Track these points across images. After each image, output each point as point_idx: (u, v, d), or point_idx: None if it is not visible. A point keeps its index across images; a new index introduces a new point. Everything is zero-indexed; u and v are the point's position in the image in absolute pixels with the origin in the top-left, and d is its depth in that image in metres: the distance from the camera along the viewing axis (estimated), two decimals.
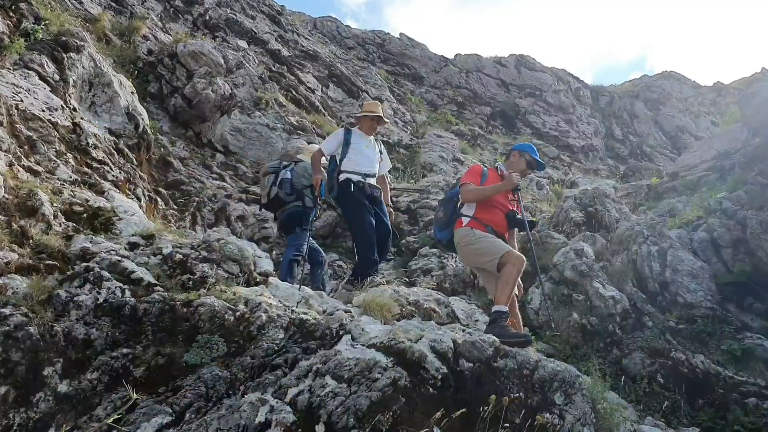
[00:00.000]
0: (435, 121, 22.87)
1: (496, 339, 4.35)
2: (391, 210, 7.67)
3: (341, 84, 19.44)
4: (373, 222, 6.87)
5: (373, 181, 7.19)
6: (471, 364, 3.95)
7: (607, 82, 37.85)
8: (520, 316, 5.75)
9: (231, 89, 12.96)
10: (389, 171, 8.39)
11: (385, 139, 17.51)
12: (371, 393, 3.33)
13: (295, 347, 3.91)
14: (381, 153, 7.52)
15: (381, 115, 7.46)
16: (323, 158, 7.45)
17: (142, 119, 8.95)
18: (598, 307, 7.10)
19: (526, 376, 3.97)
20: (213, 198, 10.28)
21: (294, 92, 15.69)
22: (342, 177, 7.04)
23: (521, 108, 27.39)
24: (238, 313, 4.15)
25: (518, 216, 6.01)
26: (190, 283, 4.56)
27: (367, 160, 7.21)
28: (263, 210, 8.70)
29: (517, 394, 3.78)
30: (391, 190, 8.78)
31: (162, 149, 10.40)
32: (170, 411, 3.37)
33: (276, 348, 3.90)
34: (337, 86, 19.21)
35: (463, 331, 6.17)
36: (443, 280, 9.44)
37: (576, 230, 9.75)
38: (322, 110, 16.28)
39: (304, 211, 7.94)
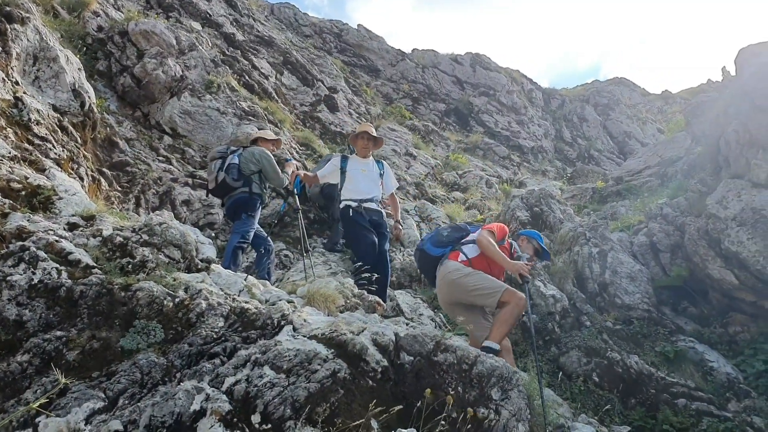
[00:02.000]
0: (389, 115, 22.88)
1: (438, 333, 4.38)
2: (400, 227, 7.85)
3: (296, 71, 19.24)
4: (375, 241, 7.01)
5: (372, 205, 7.23)
6: (412, 358, 3.97)
7: (560, 86, 38.53)
8: (512, 356, 5.61)
9: (182, 71, 12.70)
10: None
11: (338, 130, 17.44)
12: (310, 384, 3.32)
13: (235, 336, 3.87)
14: (382, 175, 7.54)
15: (368, 131, 7.45)
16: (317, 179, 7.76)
17: (89, 97, 8.68)
18: (539, 305, 7.23)
19: (465, 371, 4.00)
20: (158, 181, 10.07)
21: (247, 77, 15.47)
22: (341, 205, 7.28)
23: (475, 106, 27.62)
24: (177, 300, 4.08)
25: None
26: (130, 266, 4.47)
27: (363, 186, 7.33)
28: (210, 196, 8.60)
29: (455, 389, 3.81)
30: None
31: (108, 129, 10.11)
32: (103, 396, 3.29)
33: (215, 336, 3.85)
34: (291, 73, 19.01)
35: (407, 324, 6.22)
36: (390, 274, 9.46)
37: (521, 229, 9.90)
38: (276, 97, 16.10)
39: (251, 197, 7.87)
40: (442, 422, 3.44)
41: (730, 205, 7.14)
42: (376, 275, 6.44)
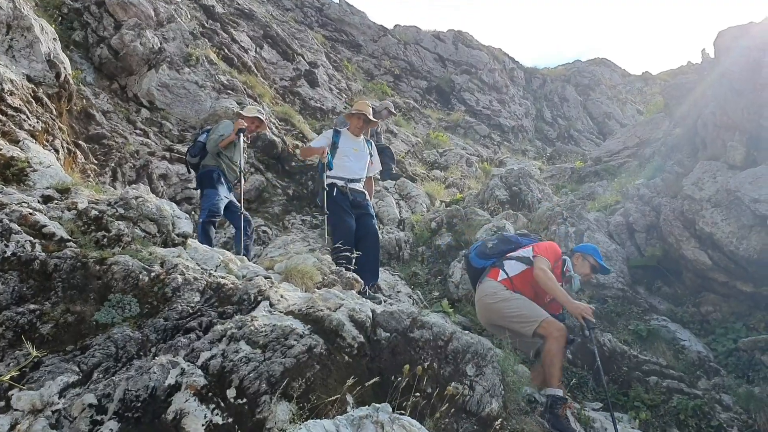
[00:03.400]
0: (370, 91, 22.74)
1: (414, 310, 4.41)
2: None
3: (276, 45, 19.02)
4: (353, 225, 6.82)
5: (357, 185, 7.10)
6: (388, 334, 3.99)
7: (546, 66, 38.28)
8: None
9: (160, 43, 12.51)
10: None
11: (318, 105, 17.32)
12: (286, 360, 3.33)
13: (211, 311, 3.86)
14: (371, 155, 7.39)
15: (366, 113, 7.27)
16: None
17: (65, 68, 8.52)
18: None
19: (440, 347, 4.04)
20: (135, 154, 9.96)
21: (226, 50, 15.29)
22: (328, 181, 7.01)
23: (456, 84, 27.54)
24: (153, 274, 4.06)
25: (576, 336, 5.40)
26: (105, 240, 4.42)
27: (353, 165, 7.14)
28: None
29: (430, 365, 3.85)
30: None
31: (84, 101, 9.97)
32: (77, 370, 3.28)
33: (191, 311, 3.83)
34: (271, 47, 18.78)
35: (384, 301, 6.25)
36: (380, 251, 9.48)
37: (500, 208, 9.96)
38: (255, 71, 15.94)
39: (201, 169, 7.78)
40: (417, 396, 3.47)
41: (705, 187, 7.23)
42: (356, 254, 6.41)
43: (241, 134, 7.80)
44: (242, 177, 7.98)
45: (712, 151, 7.74)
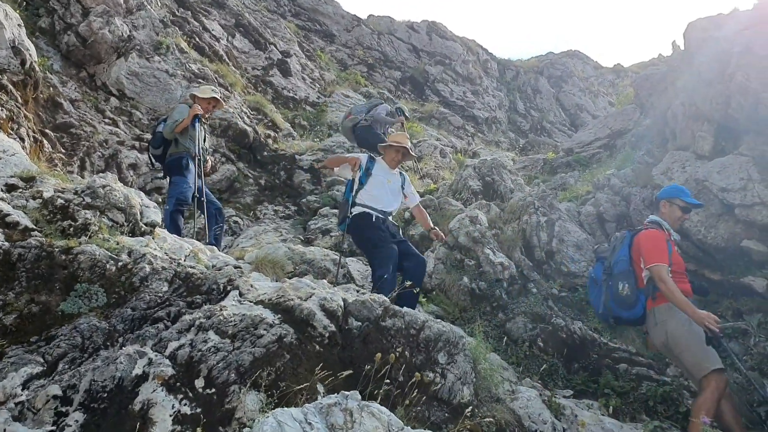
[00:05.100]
0: (344, 81, 22.62)
1: (386, 299, 4.40)
2: (441, 234, 6.77)
3: (248, 34, 18.83)
4: (397, 252, 6.05)
5: (390, 218, 6.51)
6: (360, 323, 3.98)
7: (515, 57, 38.38)
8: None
9: (130, 31, 12.30)
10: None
11: (291, 95, 17.20)
12: (255, 349, 3.30)
13: (179, 301, 3.82)
14: (403, 188, 6.64)
15: (408, 147, 6.63)
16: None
17: (30, 55, 8.35)
18: (488, 273, 7.32)
19: (412, 335, 4.04)
20: (104, 144, 9.79)
21: (197, 39, 15.09)
22: (356, 210, 6.27)
23: (431, 75, 27.51)
24: (120, 263, 4.00)
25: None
26: (71, 229, 4.35)
27: (388, 196, 6.45)
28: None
29: (402, 353, 3.84)
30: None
31: (51, 89, 9.77)
32: (42, 361, 3.23)
33: (159, 301, 3.79)
34: (243, 36, 18.59)
35: (357, 291, 6.22)
36: (342, 241, 9.44)
37: (473, 198, 9.98)
38: (227, 60, 15.77)
39: (166, 158, 7.61)
40: (389, 385, 3.46)
41: (674, 176, 7.31)
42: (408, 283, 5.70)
43: (197, 122, 7.55)
44: (201, 160, 7.63)
45: (682, 142, 7.83)
